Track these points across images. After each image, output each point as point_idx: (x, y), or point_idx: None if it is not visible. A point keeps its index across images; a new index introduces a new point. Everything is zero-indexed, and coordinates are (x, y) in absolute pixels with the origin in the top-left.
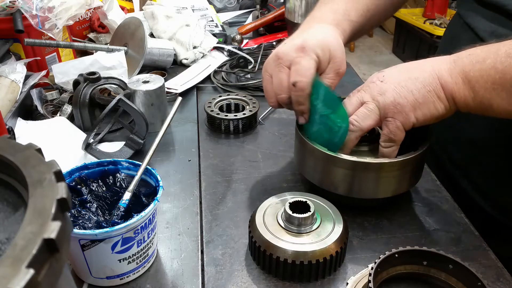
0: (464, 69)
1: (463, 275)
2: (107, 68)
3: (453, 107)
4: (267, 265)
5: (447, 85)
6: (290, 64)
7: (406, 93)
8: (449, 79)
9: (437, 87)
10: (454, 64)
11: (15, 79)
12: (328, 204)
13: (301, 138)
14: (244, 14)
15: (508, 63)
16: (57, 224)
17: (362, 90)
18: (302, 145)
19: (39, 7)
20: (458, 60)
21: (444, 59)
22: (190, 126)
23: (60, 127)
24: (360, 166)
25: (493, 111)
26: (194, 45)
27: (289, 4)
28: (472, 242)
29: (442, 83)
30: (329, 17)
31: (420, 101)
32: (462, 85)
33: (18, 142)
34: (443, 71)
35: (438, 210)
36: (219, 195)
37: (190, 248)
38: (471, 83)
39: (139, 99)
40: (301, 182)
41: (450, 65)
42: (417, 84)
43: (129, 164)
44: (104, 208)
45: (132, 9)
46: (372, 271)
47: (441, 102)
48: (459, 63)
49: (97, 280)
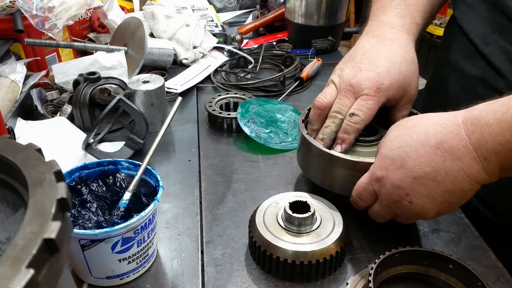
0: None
1: (463, 275)
2: (107, 68)
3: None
4: (267, 265)
5: (484, 181)
6: (359, 95)
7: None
8: (486, 179)
9: (475, 190)
10: (487, 163)
11: (15, 79)
12: (328, 204)
13: (304, 138)
14: (244, 14)
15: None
16: (57, 224)
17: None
18: (305, 145)
19: (39, 7)
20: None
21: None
22: (190, 126)
23: (60, 127)
24: (361, 167)
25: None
26: (194, 45)
27: (289, 4)
28: (472, 242)
29: (479, 184)
30: (399, 23)
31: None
32: (498, 174)
33: (18, 142)
34: (481, 176)
35: None
36: (219, 195)
37: (190, 248)
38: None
39: (139, 99)
40: (301, 182)
41: (484, 164)
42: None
43: (129, 164)
44: (104, 208)
45: (132, 9)
46: (372, 271)
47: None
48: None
49: (97, 280)
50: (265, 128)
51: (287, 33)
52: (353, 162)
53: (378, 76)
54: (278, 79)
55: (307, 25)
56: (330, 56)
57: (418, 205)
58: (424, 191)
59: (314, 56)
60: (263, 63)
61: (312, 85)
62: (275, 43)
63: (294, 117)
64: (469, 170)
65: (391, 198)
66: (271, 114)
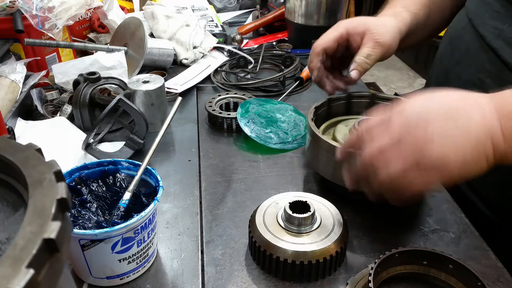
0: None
1: (463, 275)
2: (107, 68)
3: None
4: (267, 265)
5: (498, 148)
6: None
7: (456, 149)
8: (501, 142)
9: (489, 150)
10: (506, 120)
11: (15, 79)
12: (328, 204)
13: (314, 133)
14: (244, 14)
15: None
16: (57, 224)
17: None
18: (315, 140)
19: (39, 7)
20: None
21: (493, 109)
22: (190, 126)
23: (60, 127)
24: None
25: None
26: (194, 45)
27: (289, 4)
28: (472, 242)
29: (494, 145)
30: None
31: (469, 161)
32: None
33: (18, 142)
34: (495, 128)
35: (438, 210)
36: (219, 195)
37: (190, 248)
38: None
39: (139, 99)
40: (301, 182)
41: (502, 120)
42: (471, 140)
43: (129, 164)
44: (104, 208)
45: (132, 9)
46: (372, 271)
47: (487, 164)
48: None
49: (97, 280)
50: (265, 128)
51: (287, 33)
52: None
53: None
54: (278, 79)
55: (307, 25)
56: None
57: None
58: (436, 115)
59: None
60: (263, 63)
61: (312, 85)
62: (275, 43)
63: (294, 117)
64: (486, 114)
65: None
66: (271, 114)
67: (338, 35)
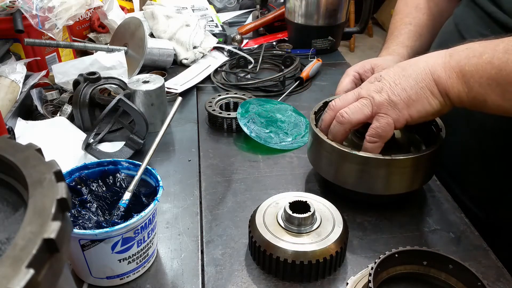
0: (459, 63)
1: (463, 275)
2: (107, 68)
3: (448, 102)
4: (267, 265)
5: (440, 80)
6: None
7: (399, 90)
8: (443, 74)
9: (430, 83)
10: (449, 58)
11: (15, 79)
12: (328, 204)
13: (316, 134)
14: (244, 14)
15: (505, 59)
16: (57, 224)
17: (361, 87)
18: (317, 141)
19: (39, 7)
20: (455, 54)
21: (440, 53)
22: (190, 126)
23: (60, 127)
24: (373, 162)
25: (487, 107)
26: (194, 45)
27: (289, 4)
28: (472, 242)
29: (435, 78)
30: (383, 53)
31: (414, 98)
32: (456, 79)
33: (18, 142)
34: (437, 66)
35: (438, 210)
36: (219, 195)
37: (190, 248)
38: (466, 77)
39: (139, 99)
40: (301, 182)
41: (445, 59)
42: (410, 81)
43: (129, 164)
44: (104, 208)
45: (132, 9)
46: (372, 271)
47: (435, 98)
48: (455, 57)
49: (97, 280)
50: (265, 128)
51: (287, 33)
52: (365, 157)
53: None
54: (278, 79)
55: (307, 25)
56: (330, 56)
57: (383, 83)
58: (392, 71)
59: (314, 56)
60: (263, 63)
61: (312, 85)
62: (275, 43)
63: (294, 117)
64: (430, 58)
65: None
66: (271, 114)
67: (352, 77)
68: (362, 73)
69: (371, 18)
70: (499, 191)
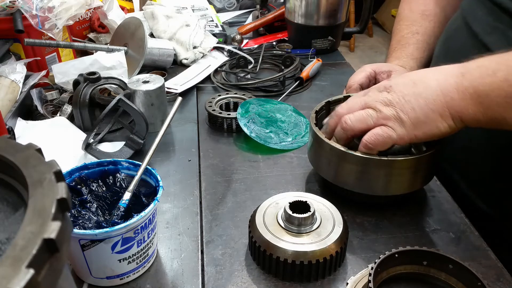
0: (472, 83)
1: (463, 275)
2: (107, 68)
3: (460, 124)
4: (267, 265)
5: (454, 103)
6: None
7: (408, 109)
8: (456, 96)
9: (441, 106)
10: (462, 78)
11: (15, 79)
12: (328, 204)
13: (316, 135)
14: (244, 14)
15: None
16: (57, 224)
17: (368, 94)
18: (317, 142)
19: (39, 7)
20: (467, 74)
21: (451, 71)
22: (190, 126)
23: (60, 127)
24: (373, 163)
25: (507, 124)
26: (194, 45)
27: (289, 4)
28: (472, 242)
29: (448, 101)
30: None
31: (422, 120)
32: (470, 101)
33: (18, 142)
34: (450, 87)
35: (438, 210)
36: (219, 195)
37: (190, 248)
38: (481, 97)
39: (139, 99)
40: (301, 182)
41: (457, 79)
42: (420, 101)
43: (129, 164)
44: (104, 208)
45: (132, 9)
46: (372, 271)
47: (444, 121)
48: (468, 77)
49: (97, 280)
50: (265, 128)
51: (287, 33)
52: (365, 158)
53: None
54: (278, 79)
55: (307, 25)
56: (330, 56)
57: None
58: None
59: (314, 56)
60: (263, 63)
61: (312, 85)
62: (275, 43)
63: (294, 117)
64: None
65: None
66: (271, 114)
67: (368, 73)
68: (378, 73)
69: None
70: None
